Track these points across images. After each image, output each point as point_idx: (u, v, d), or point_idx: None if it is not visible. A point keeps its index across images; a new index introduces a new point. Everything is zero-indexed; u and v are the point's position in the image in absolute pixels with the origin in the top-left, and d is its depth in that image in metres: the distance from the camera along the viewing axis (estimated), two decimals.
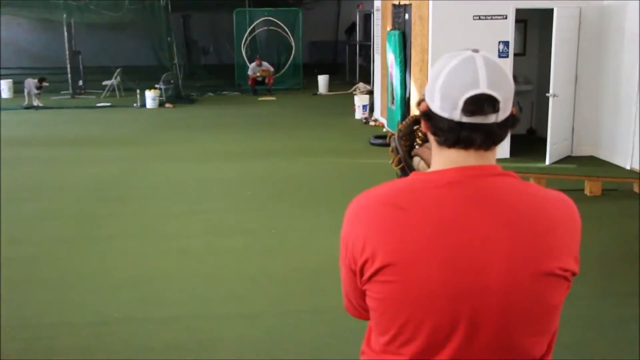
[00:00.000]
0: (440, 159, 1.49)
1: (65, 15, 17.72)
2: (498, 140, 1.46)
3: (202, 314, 4.75)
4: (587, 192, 7.53)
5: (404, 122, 1.84)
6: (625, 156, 8.88)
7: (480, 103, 1.39)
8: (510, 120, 1.46)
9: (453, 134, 1.43)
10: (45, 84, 15.97)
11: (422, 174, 1.53)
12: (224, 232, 6.61)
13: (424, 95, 1.50)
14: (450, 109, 1.42)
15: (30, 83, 15.80)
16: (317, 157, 9.94)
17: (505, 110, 1.44)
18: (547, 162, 9.06)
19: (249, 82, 18.05)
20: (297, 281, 5.29)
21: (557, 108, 9.03)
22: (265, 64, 18.04)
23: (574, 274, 1.54)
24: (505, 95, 1.43)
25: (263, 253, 5.97)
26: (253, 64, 18.04)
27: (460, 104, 1.40)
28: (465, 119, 1.41)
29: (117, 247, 6.15)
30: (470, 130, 1.42)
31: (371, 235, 1.49)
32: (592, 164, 9.18)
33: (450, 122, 1.42)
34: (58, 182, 8.72)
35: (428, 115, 1.46)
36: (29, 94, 15.82)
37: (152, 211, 7.36)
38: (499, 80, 1.43)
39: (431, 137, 1.51)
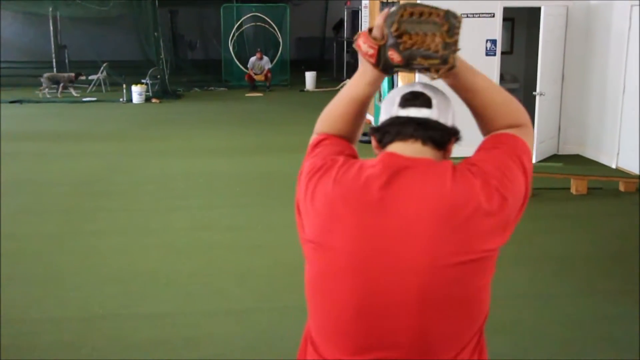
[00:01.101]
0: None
1: (51, 9, 17.58)
2: (434, 136, 1.62)
3: (188, 310, 4.73)
4: (573, 190, 7.57)
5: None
6: (611, 155, 8.93)
7: (413, 96, 1.64)
8: (452, 131, 1.66)
9: (393, 128, 1.64)
10: (81, 77, 16.58)
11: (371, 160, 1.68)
12: (210, 228, 6.58)
13: (370, 129, 1.71)
14: (389, 109, 1.67)
15: (58, 77, 16.32)
16: (304, 153, 9.89)
17: (442, 114, 1.64)
18: (534, 160, 9.06)
19: (246, 78, 17.97)
20: (284, 277, 5.27)
21: (543, 106, 9.06)
22: (265, 58, 17.98)
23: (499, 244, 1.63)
24: (440, 99, 1.66)
25: (250, 249, 5.95)
26: (253, 58, 17.96)
27: (397, 100, 1.65)
28: (401, 112, 1.64)
29: (102, 243, 6.11)
30: (405, 121, 1.62)
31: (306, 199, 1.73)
32: (578, 163, 9.23)
33: (390, 119, 1.65)
34: (43, 177, 8.65)
35: (375, 129, 1.69)
36: (46, 88, 16.24)
37: (137, 207, 7.32)
38: (433, 90, 1.68)
39: (374, 144, 1.71)
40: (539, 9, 8.87)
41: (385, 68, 1.63)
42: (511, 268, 5.39)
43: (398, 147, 1.63)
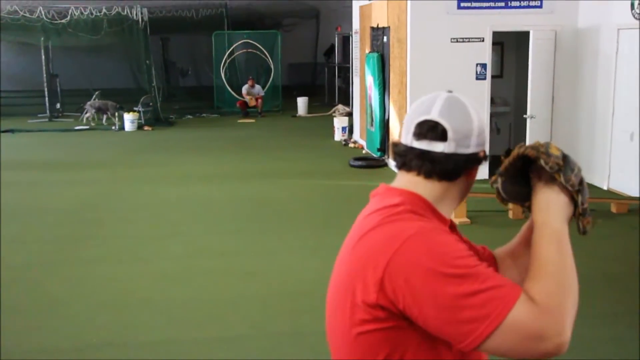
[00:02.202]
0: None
1: (43, 39, 17.65)
2: (442, 170, 1.51)
3: (182, 338, 4.70)
4: None
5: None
6: (602, 177, 8.98)
7: (428, 127, 1.49)
8: (471, 159, 1.52)
9: (400, 158, 1.55)
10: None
11: None
12: (203, 254, 6.56)
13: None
14: (405, 134, 1.54)
15: (106, 105, 16.32)
16: (297, 179, 9.93)
17: (461, 144, 1.50)
18: None
19: (238, 105, 18.04)
20: (277, 303, 5.25)
21: (534, 129, 9.12)
22: (257, 86, 18.08)
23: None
24: (459, 127, 1.49)
25: (242, 275, 5.93)
26: (246, 85, 18.07)
27: (412, 128, 1.51)
28: (415, 144, 1.51)
29: (95, 271, 6.08)
30: (413, 154, 1.52)
31: None
32: None
33: (404, 148, 1.54)
34: (35, 206, 8.62)
35: (395, 143, 1.58)
36: (92, 115, 16.26)
37: (130, 234, 7.30)
38: (454, 112, 1.50)
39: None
40: (527, 33, 8.97)
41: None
42: None
43: (399, 177, 1.58)
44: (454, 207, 1.62)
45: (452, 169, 1.52)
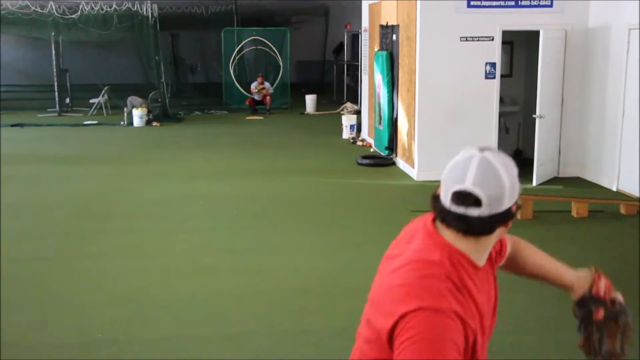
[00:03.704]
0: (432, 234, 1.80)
1: (53, 33, 17.69)
2: (476, 230, 1.72)
3: (187, 334, 4.70)
4: (574, 213, 7.55)
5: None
6: (612, 178, 8.93)
7: (463, 197, 1.68)
8: (505, 217, 1.72)
9: (441, 215, 1.75)
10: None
11: None
12: (210, 251, 6.56)
13: (432, 197, 1.80)
14: (444, 195, 1.73)
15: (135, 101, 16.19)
16: (304, 176, 9.92)
17: (494, 206, 1.68)
18: (534, 183, 9.08)
19: (247, 102, 18.05)
20: (283, 301, 5.24)
21: (543, 129, 9.08)
22: (267, 84, 18.09)
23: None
24: (493, 191, 1.67)
25: (249, 272, 5.92)
26: (255, 82, 18.08)
27: (449, 195, 1.70)
28: (453, 208, 1.70)
29: (101, 266, 6.08)
30: (452, 217, 1.71)
31: None
32: (579, 186, 9.22)
33: (442, 210, 1.74)
34: (42, 200, 8.64)
35: (435, 196, 1.78)
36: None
37: (137, 230, 7.30)
38: (487, 179, 1.68)
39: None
40: (537, 32, 8.92)
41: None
42: (512, 292, 5.35)
43: (441, 227, 1.78)
44: (489, 251, 1.85)
45: (488, 229, 1.73)
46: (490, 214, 1.68)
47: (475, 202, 1.67)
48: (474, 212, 1.67)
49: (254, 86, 18.05)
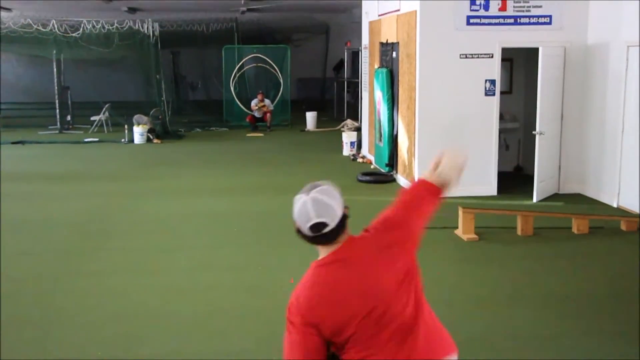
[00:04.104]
0: (321, 251, 2.63)
1: (55, 51, 17.77)
2: (336, 237, 2.57)
3: (187, 351, 4.68)
4: (574, 230, 7.54)
5: None
6: (612, 194, 8.93)
7: (315, 227, 2.55)
8: (344, 221, 2.59)
9: (311, 241, 2.60)
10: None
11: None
12: (210, 268, 6.55)
13: (295, 222, 2.64)
14: (304, 232, 2.59)
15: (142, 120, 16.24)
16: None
17: (336, 220, 2.55)
18: (535, 199, 9.08)
19: (247, 120, 18.08)
20: (283, 319, 5.21)
21: (543, 146, 9.09)
22: (267, 101, 18.13)
23: None
24: (330, 214, 2.55)
25: (249, 290, 5.91)
26: (255, 100, 18.12)
27: (306, 230, 2.57)
28: (310, 235, 2.57)
29: (101, 284, 6.07)
30: (318, 238, 2.58)
31: None
32: (579, 202, 9.21)
33: (307, 236, 2.59)
34: (43, 217, 8.64)
35: (299, 231, 2.63)
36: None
37: (137, 247, 7.30)
38: (322, 209, 2.56)
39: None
40: (537, 49, 8.96)
41: None
42: (512, 308, 5.35)
43: (322, 249, 2.64)
44: (348, 235, 2.64)
45: (341, 232, 2.60)
46: (335, 224, 2.54)
47: (324, 225, 2.53)
48: (327, 229, 2.53)
49: (254, 103, 18.10)
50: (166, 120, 17.05)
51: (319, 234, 2.53)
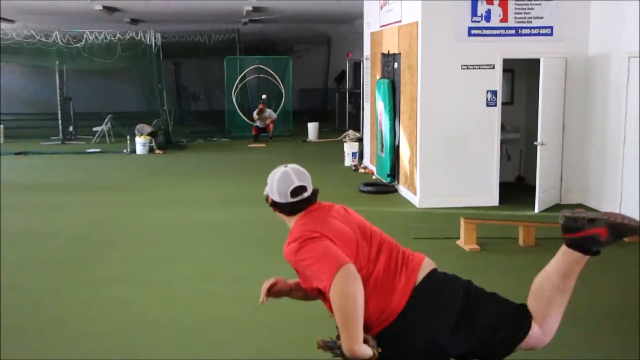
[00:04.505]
0: (292, 220, 3.04)
1: (57, 62, 17.84)
2: (312, 203, 3.03)
3: None
4: None
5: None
6: (614, 204, 8.92)
7: (297, 191, 2.97)
8: (316, 193, 3.08)
9: (289, 209, 3.01)
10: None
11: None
12: (211, 278, 6.55)
13: (267, 194, 3.16)
14: (284, 198, 3.00)
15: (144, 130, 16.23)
16: None
17: (310, 187, 3.02)
18: (537, 210, 9.08)
19: (253, 132, 18.05)
20: (285, 330, 5.22)
21: (545, 156, 9.10)
22: (269, 110, 18.14)
23: None
24: (307, 180, 3.04)
25: (251, 300, 5.87)
26: (257, 110, 18.14)
27: (287, 196, 2.98)
28: (291, 200, 2.98)
29: (103, 294, 6.07)
30: (297, 204, 2.99)
31: None
32: None
33: (286, 204, 3.01)
34: (44, 228, 8.65)
35: (274, 203, 3.09)
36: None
37: (139, 257, 7.30)
38: (302, 176, 3.04)
39: (279, 213, 3.13)
40: (538, 60, 8.99)
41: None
42: None
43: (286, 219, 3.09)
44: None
45: (314, 199, 3.10)
46: (311, 192, 3.03)
47: (304, 189, 2.99)
48: (305, 195, 2.99)
49: (255, 114, 18.11)
50: (168, 131, 17.08)
51: (298, 199, 2.94)
